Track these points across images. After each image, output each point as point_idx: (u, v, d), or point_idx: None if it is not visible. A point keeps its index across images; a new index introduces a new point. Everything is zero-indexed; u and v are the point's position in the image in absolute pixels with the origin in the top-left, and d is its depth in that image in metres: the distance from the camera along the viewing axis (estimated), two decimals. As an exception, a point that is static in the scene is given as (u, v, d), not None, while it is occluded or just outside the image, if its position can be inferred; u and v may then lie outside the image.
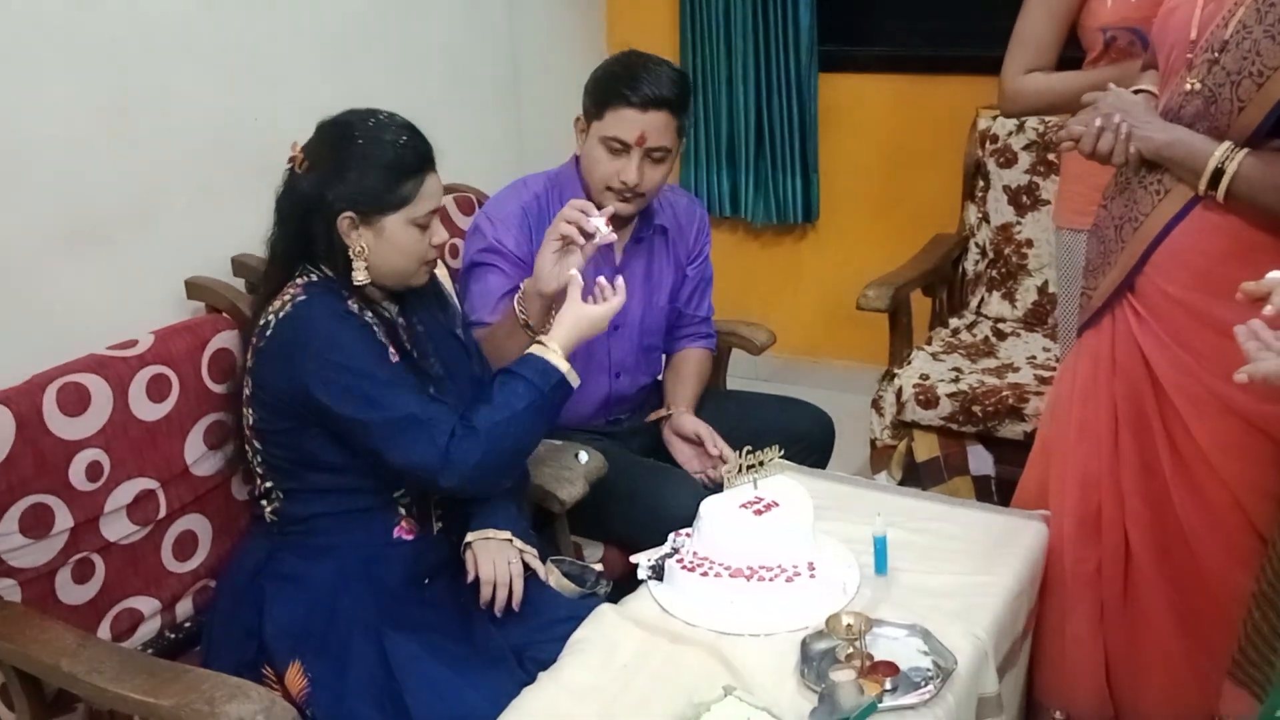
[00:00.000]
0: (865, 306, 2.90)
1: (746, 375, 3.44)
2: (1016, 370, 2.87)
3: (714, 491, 1.90)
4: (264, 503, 1.89)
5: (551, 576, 1.94)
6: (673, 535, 1.88)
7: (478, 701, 1.64)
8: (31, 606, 1.76)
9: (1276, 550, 1.70)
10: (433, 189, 1.84)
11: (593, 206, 2.02)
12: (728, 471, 1.86)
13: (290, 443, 1.83)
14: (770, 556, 1.73)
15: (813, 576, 1.73)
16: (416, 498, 1.89)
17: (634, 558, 1.88)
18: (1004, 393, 2.73)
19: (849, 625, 1.60)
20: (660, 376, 2.57)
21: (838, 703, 1.48)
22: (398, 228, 1.81)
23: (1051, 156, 3.07)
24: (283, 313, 1.79)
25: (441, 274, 2.06)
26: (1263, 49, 1.67)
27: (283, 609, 1.80)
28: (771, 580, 1.72)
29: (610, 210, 2.08)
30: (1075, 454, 1.98)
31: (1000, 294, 3.23)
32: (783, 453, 1.88)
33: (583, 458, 2.16)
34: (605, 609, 1.78)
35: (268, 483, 1.88)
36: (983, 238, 3.25)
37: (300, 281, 1.83)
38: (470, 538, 1.88)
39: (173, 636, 1.96)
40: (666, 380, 2.54)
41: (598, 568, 2.02)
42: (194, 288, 2.26)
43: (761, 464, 1.83)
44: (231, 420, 1.96)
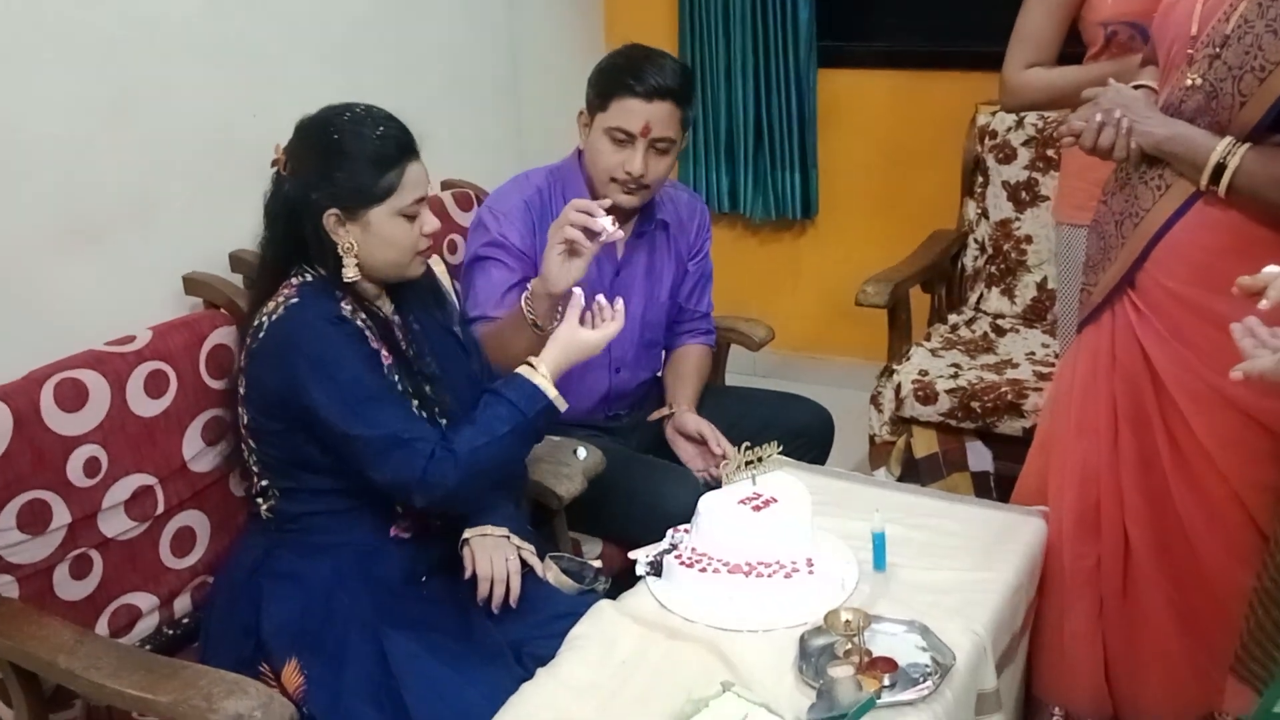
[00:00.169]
0: (864, 302, 2.90)
1: (745, 371, 3.44)
2: (1015, 366, 2.87)
3: (714, 488, 1.90)
4: (260, 500, 1.89)
5: (550, 573, 1.93)
6: (671, 531, 1.87)
7: (476, 698, 1.64)
8: (29, 602, 1.75)
9: (1278, 546, 1.70)
10: (416, 177, 1.81)
11: (596, 206, 2.00)
12: (726, 467, 1.86)
13: (284, 443, 1.82)
14: (769, 552, 1.72)
15: (811, 572, 1.73)
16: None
17: (632, 554, 1.88)
18: (1003, 389, 2.72)
19: (847, 621, 1.60)
20: (660, 372, 2.57)
21: (836, 699, 1.48)
22: (384, 220, 1.79)
23: (1051, 152, 3.06)
24: (275, 315, 1.78)
25: (439, 270, 2.05)
26: (1264, 44, 1.67)
27: (280, 607, 1.79)
28: (770, 576, 1.72)
29: (607, 202, 2.08)
30: (1074, 450, 1.98)
31: (999, 290, 3.22)
32: (781, 449, 1.87)
33: (581, 453, 2.16)
34: (604, 605, 1.77)
35: (264, 481, 1.87)
36: (982, 233, 3.25)
37: (294, 282, 1.82)
38: (468, 534, 1.88)
39: (170, 633, 1.96)
40: (667, 377, 2.54)
41: (596, 564, 2.02)
42: (192, 283, 2.26)
43: (760, 460, 1.83)
44: (229, 416, 1.95)
